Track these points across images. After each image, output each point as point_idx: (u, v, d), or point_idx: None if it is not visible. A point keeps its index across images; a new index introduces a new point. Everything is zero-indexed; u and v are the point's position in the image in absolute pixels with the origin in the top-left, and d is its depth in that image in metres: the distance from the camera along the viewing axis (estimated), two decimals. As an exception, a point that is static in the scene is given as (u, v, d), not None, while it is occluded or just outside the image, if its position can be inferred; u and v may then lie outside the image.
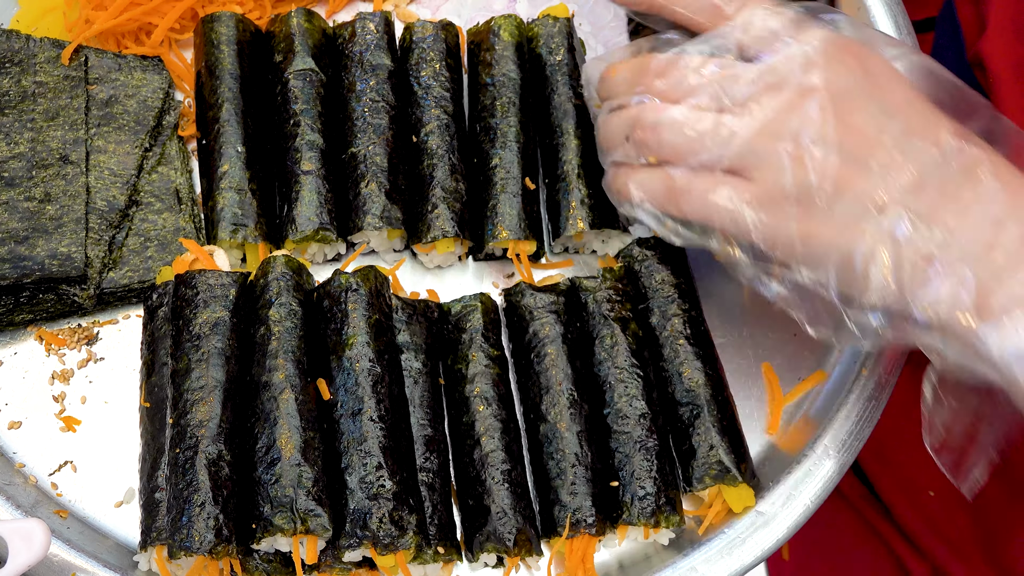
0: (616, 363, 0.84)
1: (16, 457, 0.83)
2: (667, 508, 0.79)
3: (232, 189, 0.87)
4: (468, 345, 0.84)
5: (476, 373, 0.83)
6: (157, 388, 0.80)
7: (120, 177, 0.89)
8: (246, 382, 0.77)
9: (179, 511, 0.72)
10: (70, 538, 0.78)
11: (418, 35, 0.95)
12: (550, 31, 0.95)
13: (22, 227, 0.83)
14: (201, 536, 0.70)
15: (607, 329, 0.85)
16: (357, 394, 0.76)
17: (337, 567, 0.75)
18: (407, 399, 0.80)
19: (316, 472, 0.73)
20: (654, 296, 0.87)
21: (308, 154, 0.88)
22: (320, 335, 0.79)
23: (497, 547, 0.78)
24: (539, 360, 0.84)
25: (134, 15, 0.95)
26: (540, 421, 0.82)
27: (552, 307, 0.85)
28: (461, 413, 0.82)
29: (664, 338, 0.86)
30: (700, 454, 0.81)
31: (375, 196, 0.87)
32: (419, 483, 0.78)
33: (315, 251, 0.90)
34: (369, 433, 0.74)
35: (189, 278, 0.80)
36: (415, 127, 0.92)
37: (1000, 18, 0.99)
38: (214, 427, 0.74)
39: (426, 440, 0.80)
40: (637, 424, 0.82)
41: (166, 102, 0.94)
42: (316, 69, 0.91)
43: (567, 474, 0.80)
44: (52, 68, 0.91)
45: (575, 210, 0.88)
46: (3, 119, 0.87)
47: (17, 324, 0.86)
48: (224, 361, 0.76)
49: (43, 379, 0.86)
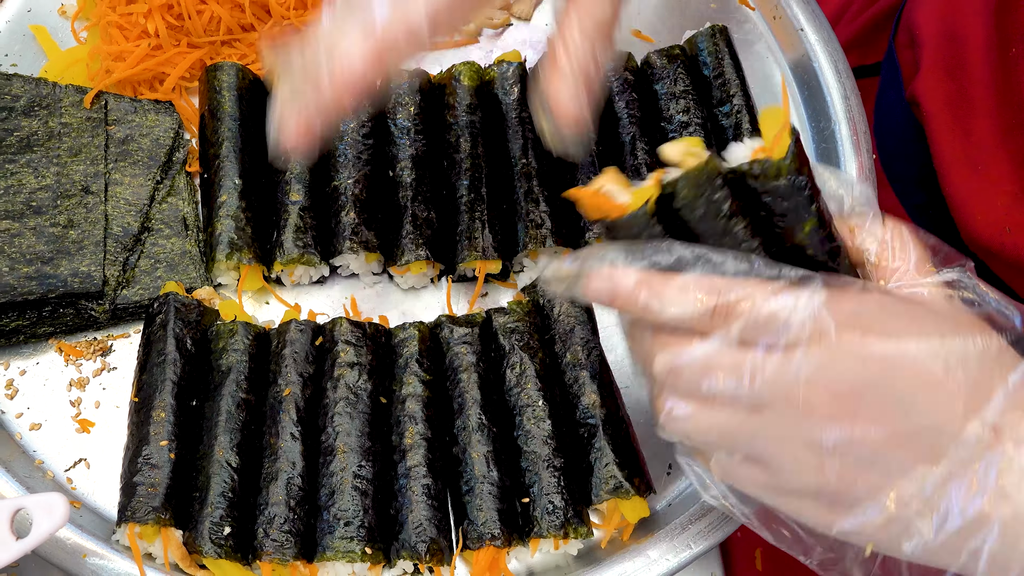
0: (524, 388, 0.88)
1: (36, 455, 0.91)
2: (575, 520, 0.83)
3: (229, 217, 0.95)
4: (403, 368, 0.90)
5: (408, 394, 0.88)
6: (146, 385, 0.87)
7: (134, 206, 0.98)
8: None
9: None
10: (83, 525, 0.85)
11: (394, 82, 1.03)
12: (504, 73, 1.04)
13: (47, 249, 0.93)
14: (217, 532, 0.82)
15: (516, 357, 0.90)
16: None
17: (276, 558, 0.81)
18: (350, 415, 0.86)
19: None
20: (556, 327, 0.93)
21: (296, 186, 0.97)
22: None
23: (411, 555, 0.82)
24: (453, 386, 0.90)
25: (149, 66, 1.03)
26: (453, 443, 0.88)
27: (466, 338, 0.91)
28: (392, 430, 0.88)
29: (565, 364, 0.91)
30: (597, 470, 0.86)
31: (353, 223, 0.95)
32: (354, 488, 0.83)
33: (301, 273, 0.97)
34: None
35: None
36: (391, 163, 1.00)
37: (931, 60, 1.05)
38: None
39: (363, 450, 0.85)
40: (544, 444, 0.86)
41: (176, 141, 1.02)
42: None
43: (475, 491, 0.84)
44: (76, 111, 1.00)
45: (531, 231, 0.96)
46: (32, 155, 0.98)
47: (40, 336, 0.94)
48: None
49: (61, 386, 0.94)
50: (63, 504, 0.74)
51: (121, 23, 1.04)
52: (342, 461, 0.85)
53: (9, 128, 0.98)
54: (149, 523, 0.82)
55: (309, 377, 0.90)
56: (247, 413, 0.88)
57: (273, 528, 0.82)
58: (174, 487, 0.84)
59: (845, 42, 1.22)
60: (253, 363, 0.91)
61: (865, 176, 1.06)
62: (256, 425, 0.88)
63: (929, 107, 1.05)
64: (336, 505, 0.83)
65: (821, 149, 1.10)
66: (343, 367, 0.89)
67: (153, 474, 0.84)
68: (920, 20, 1.09)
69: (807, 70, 1.13)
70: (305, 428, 0.87)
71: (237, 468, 0.85)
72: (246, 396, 0.89)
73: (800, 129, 1.12)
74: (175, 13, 1.04)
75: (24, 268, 0.92)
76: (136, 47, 1.03)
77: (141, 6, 1.03)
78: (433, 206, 0.99)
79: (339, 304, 1.00)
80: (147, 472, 0.84)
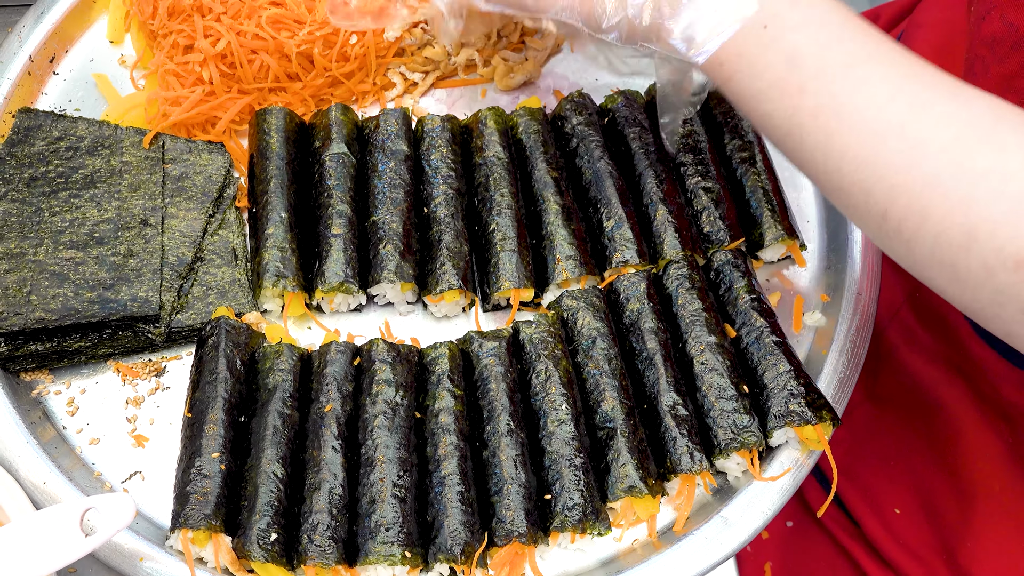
0: (548, 393, 0.95)
1: (95, 467, 0.97)
2: (592, 516, 0.89)
3: (276, 247, 1.03)
4: (436, 384, 0.97)
5: (441, 408, 0.95)
6: (199, 401, 0.94)
7: (188, 238, 1.05)
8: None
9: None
10: (139, 531, 0.91)
11: (428, 127, 1.12)
12: (526, 120, 1.13)
13: (109, 276, 1.01)
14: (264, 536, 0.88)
15: (541, 365, 0.97)
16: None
17: (320, 562, 0.87)
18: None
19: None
20: (579, 339, 1.00)
21: (337, 220, 1.04)
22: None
23: (447, 558, 0.88)
24: (483, 395, 0.96)
25: (203, 110, 1.12)
26: (483, 448, 0.94)
27: (494, 351, 0.98)
28: (427, 442, 0.94)
29: (588, 373, 0.98)
30: (613, 470, 0.92)
31: (391, 255, 1.02)
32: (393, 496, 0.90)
33: (340, 301, 1.05)
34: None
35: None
36: (426, 200, 1.08)
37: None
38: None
39: (400, 461, 0.92)
40: (566, 445, 0.92)
41: (227, 178, 1.10)
42: (347, 153, 1.09)
43: (503, 492, 0.90)
44: (135, 150, 1.09)
45: (560, 262, 1.04)
46: (95, 190, 1.06)
47: (99, 357, 1.01)
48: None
49: (119, 404, 1.01)
50: (130, 503, 0.80)
51: (178, 71, 1.13)
52: (381, 471, 0.91)
53: (75, 166, 1.07)
54: (201, 528, 0.88)
55: (348, 394, 0.97)
56: (292, 428, 0.95)
57: (317, 534, 0.89)
58: (224, 496, 0.90)
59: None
60: (297, 382, 0.98)
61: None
62: (300, 439, 0.95)
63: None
64: (377, 512, 0.89)
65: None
66: (380, 384, 0.96)
67: (205, 484, 0.90)
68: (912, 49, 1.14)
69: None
70: (346, 441, 0.94)
71: (283, 479, 0.92)
72: (291, 412, 0.96)
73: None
74: (228, 62, 1.13)
75: (87, 293, 0.99)
76: (191, 92, 1.12)
77: (197, 55, 1.12)
78: (465, 240, 1.07)
79: (375, 330, 1.07)
80: (199, 482, 0.90)
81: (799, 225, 1.13)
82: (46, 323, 0.97)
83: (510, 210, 1.07)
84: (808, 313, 1.10)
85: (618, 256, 1.05)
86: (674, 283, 1.03)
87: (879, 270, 1.11)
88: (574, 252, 1.05)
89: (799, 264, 1.12)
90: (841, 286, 1.10)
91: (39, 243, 1.02)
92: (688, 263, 1.04)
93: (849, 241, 1.12)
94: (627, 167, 1.12)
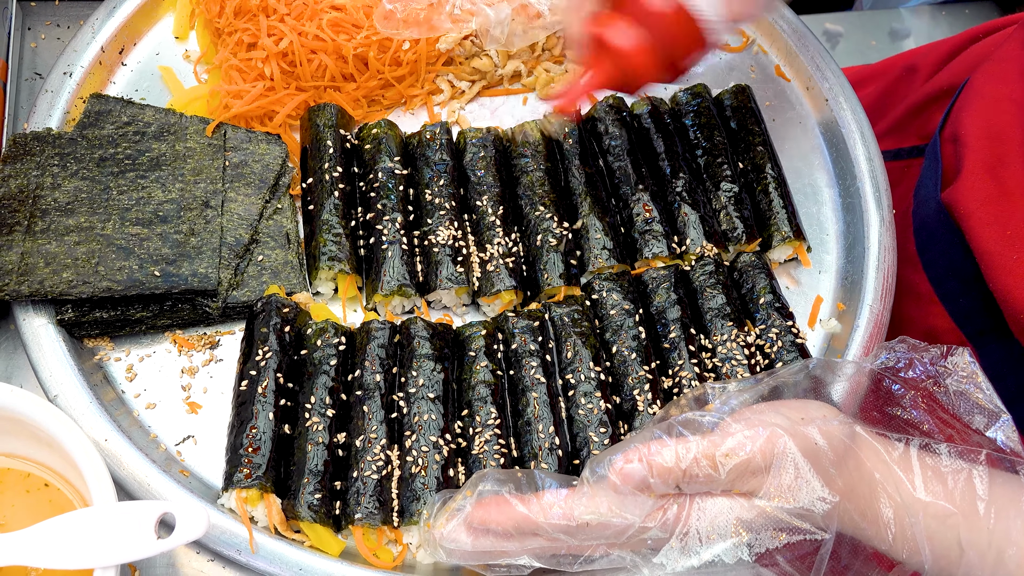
0: (578, 367, 1.03)
1: (151, 429, 1.03)
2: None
3: (330, 232, 1.10)
4: (473, 359, 1.04)
5: (478, 381, 1.03)
6: (251, 371, 1.00)
7: (246, 220, 1.12)
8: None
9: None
10: (192, 490, 0.96)
11: (471, 138, 1.20)
12: (563, 125, 1.21)
13: (172, 252, 1.07)
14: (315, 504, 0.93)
15: (571, 340, 1.05)
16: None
17: (367, 523, 0.93)
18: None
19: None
20: (607, 321, 1.08)
21: (391, 228, 1.11)
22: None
23: None
24: (518, 369, 1.04)
25: (262, 104, 1.19)
26: (518, 418, 1.02)
27: (527, 328, 1.06)
28: (464, 410, 1.02)
29: (615, 351, 1.05)
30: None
31: (446, 262, 1.10)
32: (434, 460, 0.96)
33: (396, 303, 1.11)
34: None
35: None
36: (474, 207, 1.16)
37: (973, 161, 1.13)
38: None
39: (440, 429, 0.99)
40: (592, 413, 1.00)
41: (283, 167, 1.17)
42: (396, 166, 1.16)
43: (539, 458, 0.98)
44: (199, 138, 1.16)
45: (596, 251, 1.12)
46: (160, 173, 1.13)
47: (158, 328, 1.08)
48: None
49: (175, 373, 1.07)
50: (205, 516, 0.82)
51: (241, 67, 1.20)
52: (423, 439, 0.97)
53: (142, 149, 1.14)
54: (254, 488, 0.94)
55: (390, 367, 1.03)
56: (337, 398, 1.01)
57: (363, 497, 0.95)
58: (274, 460, 0.97)
59: (882, 130, 1.35)
60: (342, 356, 1.04)
61: (885, 228, 1.20)
62: (345, 409, 1.01)
63: (967, 206, 1.11)
64: (418, 477, 0.95)
65: (846, 203, 1.24)
66: (421, 358, 1.03)
67: (256, 447, 0.96)
68: (966, 120, 1.17)
69: (835, 133, 1.28)
70: (387, 410, 1.00)
71: (329, 445, 0.98)
72: (336, 384, 1.02)
73: (827, 186, 1.27)
74: (288, 60, 1.20)
75: (151, 267, 1.06)
76: (252, 87, 1.19)
77: (260, 52, 1.19)
78: (515, 242, 1.14)
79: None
80: (251, 446, 0.96)
81: (820, 238, 1.21)
82: (112, 292, 1.03)
83: (550, 210, 1.14)
84: (824, 320, 1.16)
85: (648, 250, 1.13)
86: (700, 279, 1.11)
87: (893, 284, 1.18)
88: (608, 243, 1.13)
89: (804, 265, 1.20)
90: (857, 297, 1.17)
91: (107, 219, 1.08)
92: (715, 261, 1.12)
93: (866, 255, 1.19)
94: (653, 167, 1.20)
